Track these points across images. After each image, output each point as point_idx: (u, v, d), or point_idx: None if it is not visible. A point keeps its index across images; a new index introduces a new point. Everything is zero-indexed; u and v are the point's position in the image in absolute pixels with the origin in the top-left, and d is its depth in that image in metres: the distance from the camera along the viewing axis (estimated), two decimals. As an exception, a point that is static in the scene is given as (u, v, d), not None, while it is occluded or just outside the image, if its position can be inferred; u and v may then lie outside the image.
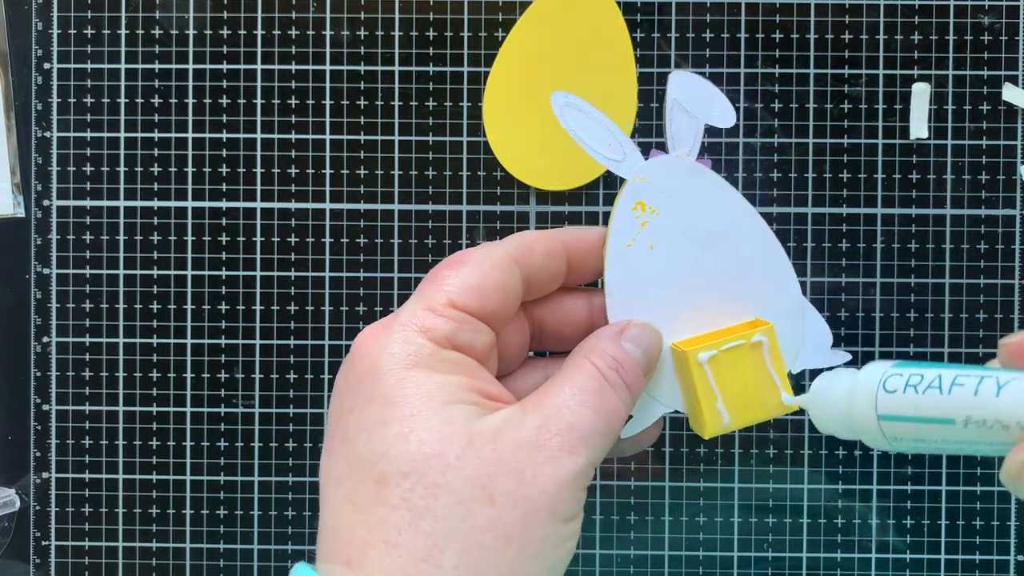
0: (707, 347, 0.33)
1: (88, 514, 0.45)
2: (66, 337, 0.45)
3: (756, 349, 0.33)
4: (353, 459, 0.27)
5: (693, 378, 0.33)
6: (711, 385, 0.33)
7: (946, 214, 0.44)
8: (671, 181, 0.34)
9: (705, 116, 0.34)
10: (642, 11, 0.44)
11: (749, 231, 0.35)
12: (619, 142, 0.34)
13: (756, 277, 0.35)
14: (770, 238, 0.35)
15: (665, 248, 0.34)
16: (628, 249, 0.34)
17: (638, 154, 0.34)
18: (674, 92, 0.34)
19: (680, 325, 0.34)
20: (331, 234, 0.44)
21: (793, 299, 0.35)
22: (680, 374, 0.34)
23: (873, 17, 0.44)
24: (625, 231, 0.34)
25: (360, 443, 0.27)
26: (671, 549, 0.44)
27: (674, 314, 0.34)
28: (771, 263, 0.35)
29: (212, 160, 0.44)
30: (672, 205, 0.34)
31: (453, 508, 0.26)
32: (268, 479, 0.45)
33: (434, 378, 0.28)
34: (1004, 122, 0.44)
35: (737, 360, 0.33)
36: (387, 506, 0.26)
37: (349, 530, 0.26)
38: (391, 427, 0.27)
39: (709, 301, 0.35)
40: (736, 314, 0.35)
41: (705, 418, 0.33)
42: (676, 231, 0.34)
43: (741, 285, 0.35)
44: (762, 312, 0.35)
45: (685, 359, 0.33)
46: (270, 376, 0.45)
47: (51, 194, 0.45)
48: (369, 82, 0.44)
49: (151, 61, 0.44)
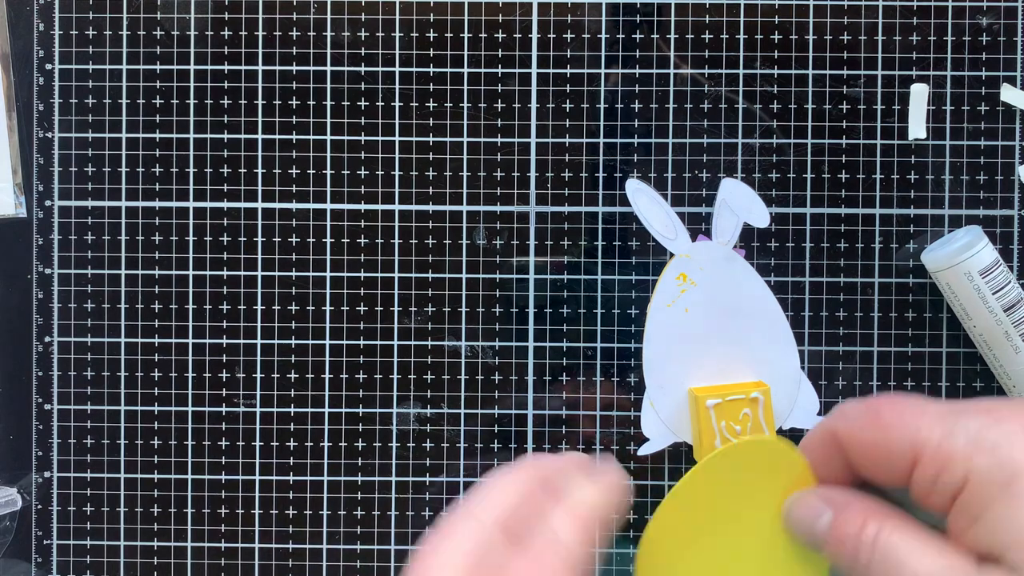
0: (715, 396, 0.42)
1: (90, 513, 0.45)
2: (68, 337, 0.45)
3: (753, 403, 0.42)
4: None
5: (700, 418, 0.42)
6: (713, 425, 0.42)
7: (944, 214, 0.44)
8: (710, 262, 0.44)
9: (745, 216, 0.43)
10: (642, 11, 0.44)
11: (765, 310, 0.44)
12: (674, 224, 0.43)
13: (765, 347, 0.44)
14: (781, 319, 0.44)
15: (697, 313, 0.44)
16: (668, 309, 0.44)
17: (687, 236, 0.43)
18: (723, 194, 0.43)
19: (699, 374, 0.44)
20: (331, 234, 0.45)
21: (792, 370, 0.44)
22: (692, 413, 0.43)
23: (872, 18, 0.44)
24: (667, 294, 0.43)
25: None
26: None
27: (696, 365, 0.44)
28: (779, 338, 0.44)
29: (213, 160, 0.45)
30: (708, 280, 0.44)
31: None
32: (269, 478, 0.45)
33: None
34: (1002, 123, 0.44)
35: (737, 410, 0.42)
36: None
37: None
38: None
39: (725, 360, 0.44)
40: (745, 374, 0.44)
41: (704, 450, 0.42)
42: (708, 301, 0.44)
43: (752, 352, 0.44)
44: (765, 376, 0.43)
45: (697, 402, 0.42)
46: (271, 376, 0.45)
47: (53, 194, 0.45)
48: (369, 83, 0.44)
49: (152, 62, 0.45)
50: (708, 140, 0.44)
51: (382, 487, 0.45)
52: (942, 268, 0.42)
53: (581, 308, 0.44)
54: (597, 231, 0.44)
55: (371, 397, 0.45)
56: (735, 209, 0.43)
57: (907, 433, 0.29)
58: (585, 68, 0.44)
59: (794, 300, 0.43)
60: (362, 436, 0.45)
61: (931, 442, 0.29)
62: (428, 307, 0.44)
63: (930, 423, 0.29)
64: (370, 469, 0.45)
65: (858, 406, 0.31)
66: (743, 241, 0.44)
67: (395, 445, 0.45)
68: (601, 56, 0.44)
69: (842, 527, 0.30)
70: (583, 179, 0.44)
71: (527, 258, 0.44)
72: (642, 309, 0.44)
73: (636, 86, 0.44)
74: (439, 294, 0.44)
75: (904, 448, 0.29)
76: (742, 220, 0.43)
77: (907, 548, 0.29)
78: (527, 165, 0.44)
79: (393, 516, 0.45)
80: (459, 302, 0.44)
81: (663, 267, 0.43)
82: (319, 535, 0.45)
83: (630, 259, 0.44)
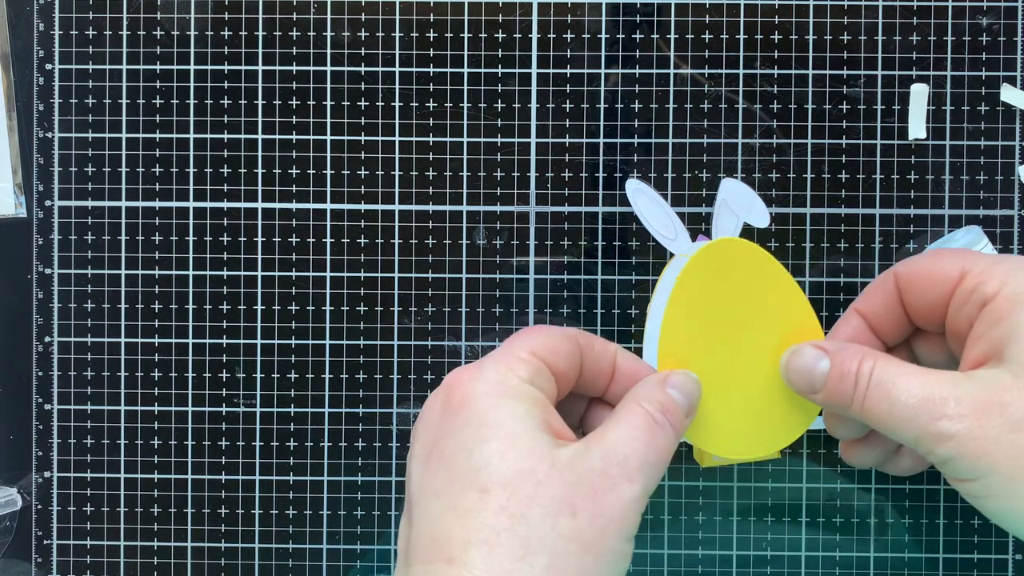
0: None
1: (90, 513, 0.45)
2: (68, 337, 0.45)
3: None
4: (454, 473, 0.31)
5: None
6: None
7: (944, 214, 0.44)
8: None
9: (745, 216, 0.42)
10: (642, 11, 0.44)
11: None
12: (674, 224, 0.42)
13: None
14: None
15: None
16: None
17: (687, 236, 0.42)
18: (723, 194, 0.42)
19: None
20: (331, 234, 0.45)
21: None
22: None
23: (872, 18, 0.44)
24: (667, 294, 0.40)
25: (460, 459, 0.31)
26: (670, 548, 0.44)
27: None
28: None
29: (213, 160, 0.45)
30: None
31: (543, 518, 0.30)
32: (269, 478, 0.45)
33: (520, 407, 0.32)
34: (1002, 123, 0.44)
35: None
36: (488, 511, 0.30)
37: (450, 533, 0.30)
38: (489, 444, 0.31)
39: None
40: None
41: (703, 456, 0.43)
42: None
43: None
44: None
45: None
46: (271, 376, 0.45)
47: (53, 194, 0.45)
48: (369, 83, 0.44)
49: (152, 62, 0.45)
50: (708, 140, 0.44)
51: (382, 487, 0.45)
52: None
53: (581, 308, 0.44)
54: (597, 231, 0.44)
55: (371, 397, 0.45)
56: (735, 209, 0.43)
57: (958, 260, 0.35)
58: (585, 68, 0.44)
59: (794, 300, 0.43)
60: (362, 436, 0.45)
61: (978, 264, 0.34)
62: (428, 307, 0.44)
63: (981, 255, 0.35)
64: (370, 469, 0.45)
65: (922, 254, 0.37)
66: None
67: (395, 445, 0.45)
68: (601, 56, 0.44)
69: (841, 365, 0.34)
70: (583, 179, 0.44)
71: (527, 258, 0.44)
72: (642, 309, 0.44)
73: (636, 86, 0.44)
74: (439, 294, 0.44)
75: (954, 269, 0.34)
76: (742, 220, 0.43)
77: (900, 371, 0.33)
78: (527, 165, 0.44)
79: (393, 516, 0.45)
80: (459, 302, 0.44)
81: (663, 267, 0.43)
82: (319, 535, 0.45)
83: (630, 259, 0.44)
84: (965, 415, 0.31)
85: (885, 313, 0.37)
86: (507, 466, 0.30)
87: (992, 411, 0.31)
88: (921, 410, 0.32)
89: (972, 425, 0.31)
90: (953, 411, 0.32)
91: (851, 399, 0.34)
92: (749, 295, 0.38)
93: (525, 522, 0.30)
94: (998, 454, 0.31)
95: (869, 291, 0.38)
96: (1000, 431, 0.31)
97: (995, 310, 0.33)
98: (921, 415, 0.32)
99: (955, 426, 0.32)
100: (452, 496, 0.30)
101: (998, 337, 0.33)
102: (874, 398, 0.33)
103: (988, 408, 0.31)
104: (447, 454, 0.31)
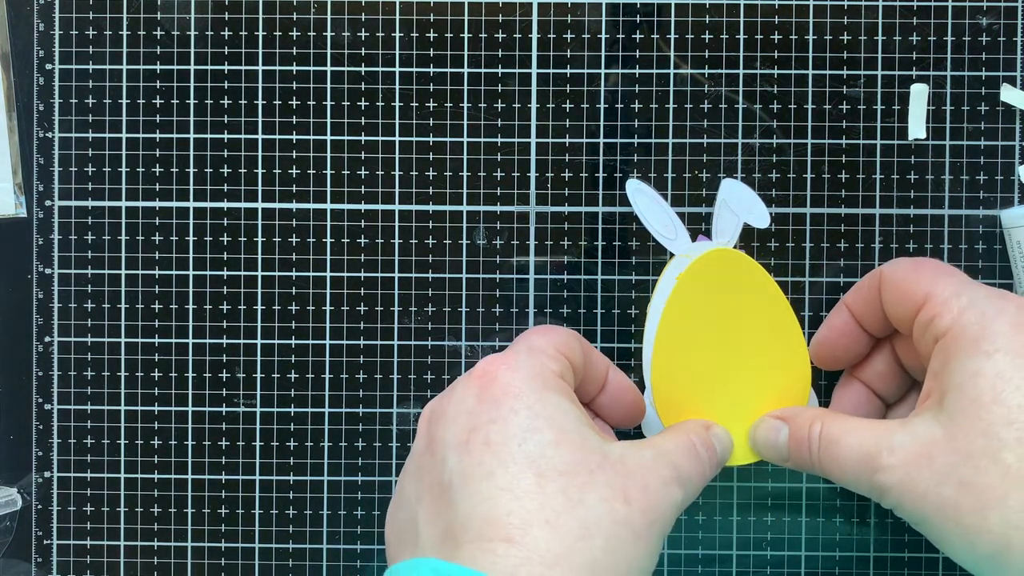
0: None
1: (90, 513, 0.45)
2: (68, 337, 0.45)
3: None
4: (506, 459, 0.31)
5: None
6: None
7: (944, 215, 0.44)
8: None
9: (745, 216, 0.43)
10: (642, 11, 0.44)
11: None
12: (674, 224, 0.43)
13: None
14: None
15: None
16: None
17: (687, 236, 0.43)
18: (723, 194, 0.43)
19: None
20: (331, 234, 0.45)
21: None
22: None
23: (871, 18, 0.44)
24: (667, 294, 0.42)
25: (512, 447, 0.32)
26: (670, 548, 0.44)
27: None
28: None
29: (213, 160, 0.45)
30: None
31: (600, 502, 0.31)
32: (269, 478, 0.45)
33: (563, 401, 0.33)
34: (1002, 123, 0.44)
35: None
36: (545, 494, 0.31)
37: (508, 513, 0.30)
38: (543, 434, 0.32)
39: None
40: None
41: None
42: None
43: None
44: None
45: None
46: (271, 376, 0.45)
47: (53, 194, 0.45)
48: (369, 83, 0.44)
49: (152, 62, 0.45)
50: (708, 140, 0.44)
51: (382, 487, 0.45)
52: (1018, 224, 0.42)
53: (581, 308, 0.44)
54: (597, 231, 0.44)
55: (371, 397, 0.45)
56: (735, 209, 0.43)
57: (929, 281, 0.35)
58: (585, 68, 0.44)
59: (794, 300, 0.43)
60: (362, 436, 0.45)
61: (942, 293, 0.35)
62: (428, 307, 0.44)
63: (951, 282, 0.35)
64: (370, 469, 0.45)
65: (909, 259, 0.38)
66: (743, 241, 0.44)
67: (395, 445, 0.45)
68: (601, 56, 0.44)
69: (796, 433, 0.37)
70: (583, 179, 0.44)
71: (527, 258, 0.44)
72: (642, 309, 0.44)
73: (636, 86, 0.44)
74: (439, 294, 0.44)
75: (921, 291, 0.35)
76: (742, 220, 0.43)
77: (843, 429, 0.35)
78: (527, 165, 0.44)
79: (393, 516, 0.45)
80: (459, 302, 0.44)
81: (663, 267, 0.43)
82: (319, 535, 0.45)
83: (630, 259, 0.44)
84: (896, 467, 0.33)
85: (868, 311, 0.39)
86: (562, 456, 0.31)
87: (921, 464, 0.33)
88: (861, 465, 0.34)
89: (903, 477, 0.33)
90: (886, 463, 0.33)
91: (810, 462, 0.36)
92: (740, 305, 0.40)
93: (583, 505, 0.31)
94: (926, 506, 0.32)
95: (858, 286, 0.40)
96: (928, 484, 0.32)
97: (944, 349, 0.34)
98: (861, 470, 0.34)
99: (890, 478, 0.33)
100: (507, 478, 0.31)
101: (943, 380, 0.34)
102: (824, 459, 0.35)
103: (918, 461, 0.33)
104: (494, 441, 0.32)
